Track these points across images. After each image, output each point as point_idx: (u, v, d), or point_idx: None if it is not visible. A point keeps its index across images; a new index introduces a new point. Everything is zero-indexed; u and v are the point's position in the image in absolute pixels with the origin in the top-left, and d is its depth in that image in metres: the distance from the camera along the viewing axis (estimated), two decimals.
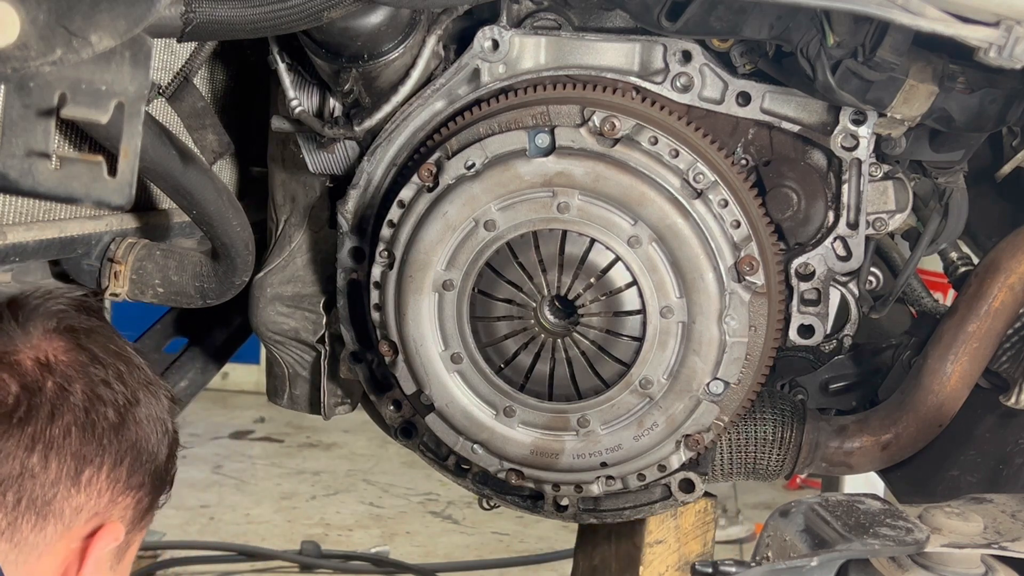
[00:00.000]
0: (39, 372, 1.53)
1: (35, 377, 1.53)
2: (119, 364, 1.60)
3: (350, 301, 2.19)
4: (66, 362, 1.55)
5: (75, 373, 1.55)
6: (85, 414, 1.54)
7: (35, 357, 1.54)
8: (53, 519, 1.51)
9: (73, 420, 1.53)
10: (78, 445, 1.53)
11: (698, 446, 2.04)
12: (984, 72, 1.88)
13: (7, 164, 1.38)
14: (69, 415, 1.52)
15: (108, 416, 1.56)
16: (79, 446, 1.53)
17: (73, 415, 1.53)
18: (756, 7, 1.80)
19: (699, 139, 2.00)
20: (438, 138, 2.06)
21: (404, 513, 6.21)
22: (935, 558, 1.60)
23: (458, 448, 2.10)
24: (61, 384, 1.53)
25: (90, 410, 1.54)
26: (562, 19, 2.04)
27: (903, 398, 2.13)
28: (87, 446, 1.54)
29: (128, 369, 1.61)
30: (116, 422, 1.56)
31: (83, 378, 1.55)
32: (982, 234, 2.35)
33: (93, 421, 1.54)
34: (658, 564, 2.26)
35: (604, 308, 1.97)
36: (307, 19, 1.68)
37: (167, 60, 2.17)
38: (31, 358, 1.54)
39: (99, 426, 1.55)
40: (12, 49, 1.28)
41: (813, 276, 2.06)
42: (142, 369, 1.64)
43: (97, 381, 1.56)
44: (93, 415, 1.54)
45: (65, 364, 1.55)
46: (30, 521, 1.50)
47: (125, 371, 1.60)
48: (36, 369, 1.53)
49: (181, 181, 1.87)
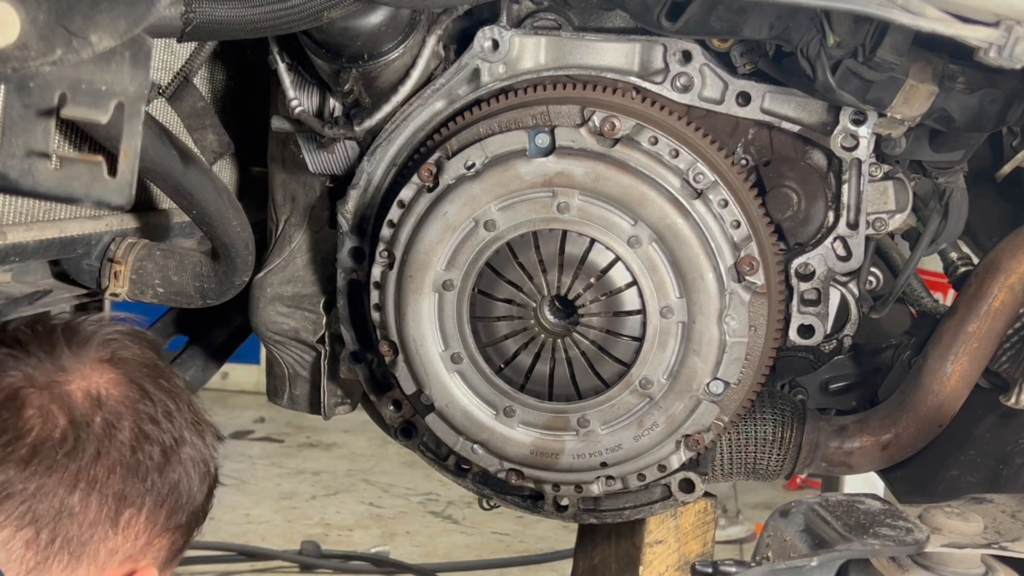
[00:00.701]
0: (88, 406, 1.48)
1: (84, 411, 1.47)
2: (168, 401, 1.54)
3: (350, 301, 2.19)
4: (116, 397, 1.50)
5: (124, 409, 1.50)
6: (131, 453, 1.48)
7: (86, 389, 1.49)
8: (87, 560, 1.46)
9: (119, 459, 1.47)
10: (121, 485, 1.47)
11: (698, 446, 2.04)
12: (984, 72, 1.88)
13: (7, 164, 1.38)
14: (115, 453, 1.47)
15: (153, 456, 1.51)
16: (122, 486, 1.48)
17: (119, 454, 1.47)
18: (756, 7, 1.80)
19: (699, 139, 2.00)
20: (438, 138, 2.06)
21: (404, 513, 6.21)
22: (935, 558, 1.60)
23: (458, 448, 2.10)
24: (110, 421, 1.48)
25: (137, 449, 1.49)
26: (562, 19, 2.04)
27: (903, 398, 2.13)
28: (130, 487, 1.48)
29: (177, 407, 1.55)
30: (161, 462, 1.51)
31: (132, 415, 1.50)
32: (982, 234, 2.35)
33: (138, 461, 1.49)
34: (658, 564, 2.26)
35: (604, 308, 1.97)
36: (307, 19, 1.68)
37: (167, 60, 2.17)
38: (82, 389, 1.49)
39: (143, 466, 1.49)
40: (12, 49, 1.28)
41: (813, 276, 2.06)
42: (191, 406, 1.58)
43: (145, 418, 1.51)
44: (139, 454, 1.49)
45: (115, 399, 1.50)
46: (62, 561, 1.44)
47: (174, 408, 1.55)
48: (86, 402, 1.48)
49: (181, 181, 1.86)
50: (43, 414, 1.45)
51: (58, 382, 1.48)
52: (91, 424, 1.46)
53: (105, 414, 1.48)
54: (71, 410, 1.46)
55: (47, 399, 1.46)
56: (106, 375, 1.51)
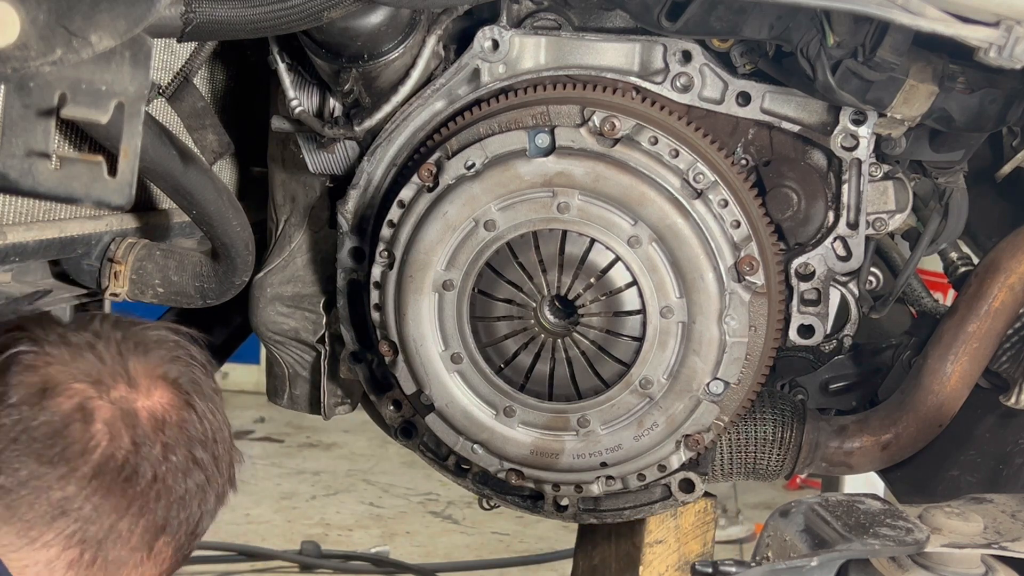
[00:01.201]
0: (151, 428, 1.46)
1: (147, 434, 1.45)
2: (215, 429, 1.53)
3: (350, 301, 2.19)
4: (175, 422, 1.48)
5: (180, 436, 1.48)
6: (182, 480, 1.48)
7: (151, 409, 1.47)
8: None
9: (170, 487, 1.47)
10: (164, 513, 1.47)
11: (698, 446, 2.04)
12: (984, 72, 1.88)
13: (7, 164, 1.38)
14: (169, 480, 1.46)
15: (197, 484, 1.50)
16: (165, 514, 1.47)
17: (172, 481, 1.47)
18: (756, 7, 1.80)
19: (699, 139, 2.00)
20: (438, 138, 2.06)
21: (404, 513, 6.21)
22: (935, 558, 1.60)
23: (458, 448, 2.10)
24: (169, 446, 1.47)
25: (186, 477, 1.48)
26: (562, 19, 2.04)
27: (903, 398, 2.13)
28: (172, 516, 1.48)
29: (220, 429, 1.54)
30: (200, 492, 1.51)
31: (186, 441, 1.49)
32: (982, 234, 2.35)
33: (184, 490, 1.49)
34: (658, 564, 2.26)
35: (604, 308, 1.97)
36: (307, 19, 1.68)
37: (167, 60, 2.17)
38: (147, 409, 1.47)
39: (187, 495, 1.49)
40: (12, 49, 1.28)
41: (813, 276, 2.06)
42: (227, 427, 1.57)
43: (197, 444, 1.50)
44: (187, 482, 1.49)
45: (175, 423, 1.48)
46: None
47: (218, 436, 1.53)
48: (149, 424, 1.46)
49: (181, 181, 1.86)
50: (111, 431, 1.44)
51: (127, 399, 1.46)
52: (152, 448, 1.46)
53: (165, 439, 1.47)
54: (136, 431, 1.45)
55: (116, 416, 1.45)
56: (167, 395, 1.50)
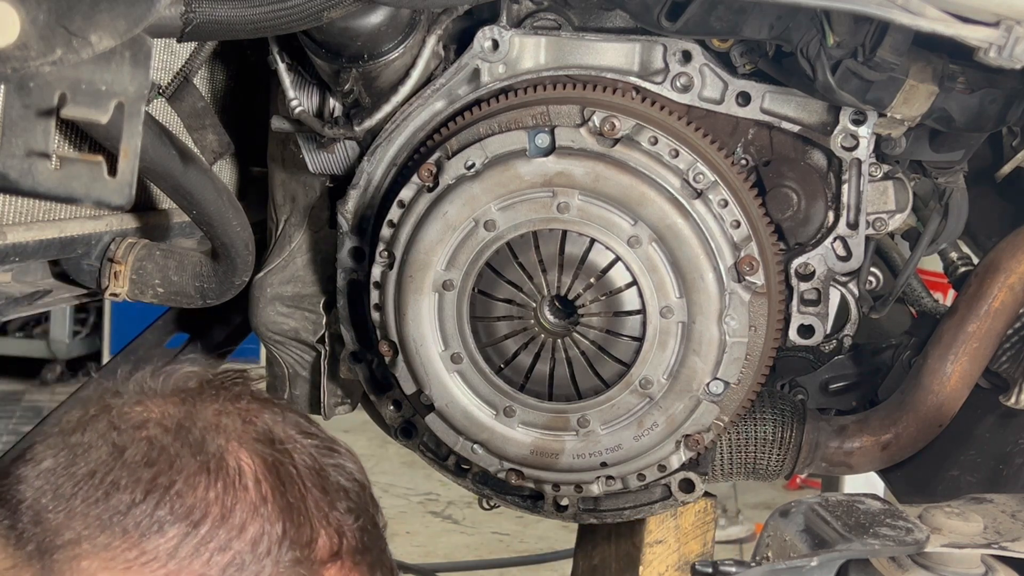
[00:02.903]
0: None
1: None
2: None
3: (350, 301, 2.19)
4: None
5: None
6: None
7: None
8: None
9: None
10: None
11: (698, 446, 2.04)
12: (984, 72, 1.88)
13: (7, 164, 1.38)
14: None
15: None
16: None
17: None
18: (756, 7, 1.80)
19: (699, 139, 2.00)
20: (438, 138, 2.06)
21: (404, 513, 6.22)
22: (935, 558, 1.59)
23: (458, 448, 2.10)
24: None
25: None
26: (562, 19, 2.04)
27: (903, 398, 2.13)
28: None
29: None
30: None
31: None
32: (982, 234, 2.35)
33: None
34: (658, 564, 2.26)
35: (604, 308, 1.97)
36: (307, 19, 1.68)
37: (167, 60, 2.17)
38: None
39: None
40: (12, 49, 1.28)
41: (813, 276, 2.06)
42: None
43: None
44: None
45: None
46: None
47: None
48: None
49: (181, 181, 1.87)
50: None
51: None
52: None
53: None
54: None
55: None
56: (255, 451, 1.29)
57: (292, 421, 1.32)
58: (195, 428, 1.23)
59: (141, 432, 1.22)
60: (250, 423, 1.27)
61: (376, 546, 1.31)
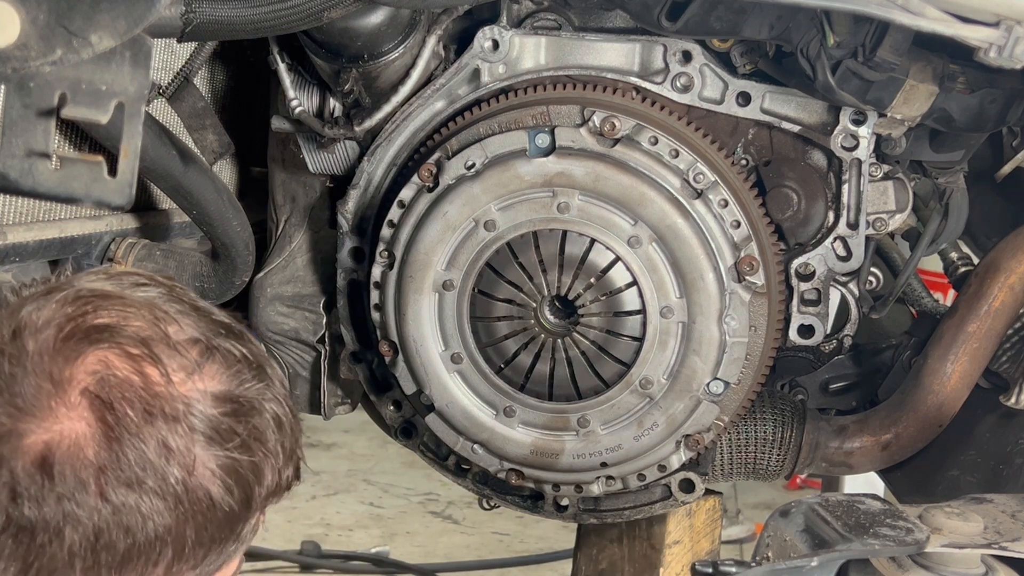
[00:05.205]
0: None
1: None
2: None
3: (350, 301, 2.19)
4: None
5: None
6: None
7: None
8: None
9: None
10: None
11: (698, 446, 2.04)
12: (984, 72, 1.88)
13: (7, 164, 1.38)
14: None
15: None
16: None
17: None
18: (756, 7, 1.80)
19: (699, 139, 2.00)
20: (438, 138, 2.06)
21: (404, 513, 6.21)
22: (935, 558, 1.59)
23: (458, 448, 2.10)
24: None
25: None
26: (562, 19, 2.04)
27: (903, 398, 2.13)
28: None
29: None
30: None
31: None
32: (982, 234, 2.35)
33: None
34: (675, 565, 2.26)
35: (604, 308, 1.97)
36: (307, 19, 1.68)
37: (167, 60, 2.17)
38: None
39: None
40: (12, 49, 1.28)
41: (813, 276, 2.06)
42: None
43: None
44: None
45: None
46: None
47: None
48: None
49: (181, 181, 1.87)
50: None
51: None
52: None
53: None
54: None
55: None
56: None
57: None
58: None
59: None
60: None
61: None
